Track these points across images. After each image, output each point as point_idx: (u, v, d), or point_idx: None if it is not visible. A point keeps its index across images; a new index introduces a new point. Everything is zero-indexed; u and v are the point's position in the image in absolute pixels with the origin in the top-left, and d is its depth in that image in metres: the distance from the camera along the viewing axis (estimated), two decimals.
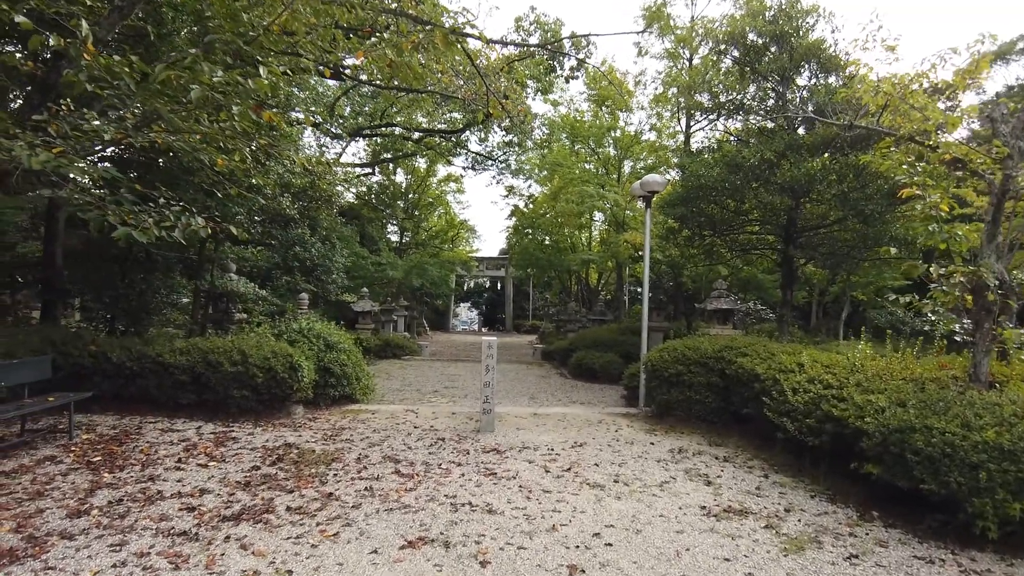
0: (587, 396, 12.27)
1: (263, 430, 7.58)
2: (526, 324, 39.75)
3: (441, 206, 34.56)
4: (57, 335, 8.30)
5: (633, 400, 10.36)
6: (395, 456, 6.53)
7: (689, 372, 8.54)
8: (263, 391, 8.14)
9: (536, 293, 42.87)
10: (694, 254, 13.84)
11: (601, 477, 6.02)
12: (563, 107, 24.81)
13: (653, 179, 10.25)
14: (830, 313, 26.77)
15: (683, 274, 15.15)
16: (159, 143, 5.97)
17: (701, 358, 8.58)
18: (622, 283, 23.53)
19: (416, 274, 23.51)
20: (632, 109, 23.77)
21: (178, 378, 8.07)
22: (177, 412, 8.17)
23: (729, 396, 8.29)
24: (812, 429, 6.14)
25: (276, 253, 17.17)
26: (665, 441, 7.64)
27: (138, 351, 8.18)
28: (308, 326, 9.64)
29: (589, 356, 15.44)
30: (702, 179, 10.99)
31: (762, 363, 7.59)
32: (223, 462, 6.08)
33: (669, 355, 8.83)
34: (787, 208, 11.43)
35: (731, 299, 11.39)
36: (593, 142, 24.30)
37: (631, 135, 24.00)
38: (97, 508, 4.70)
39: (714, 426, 8.41)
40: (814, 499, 5.62)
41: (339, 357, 9.31)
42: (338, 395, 9.27)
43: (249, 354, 8.11)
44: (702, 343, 8.90)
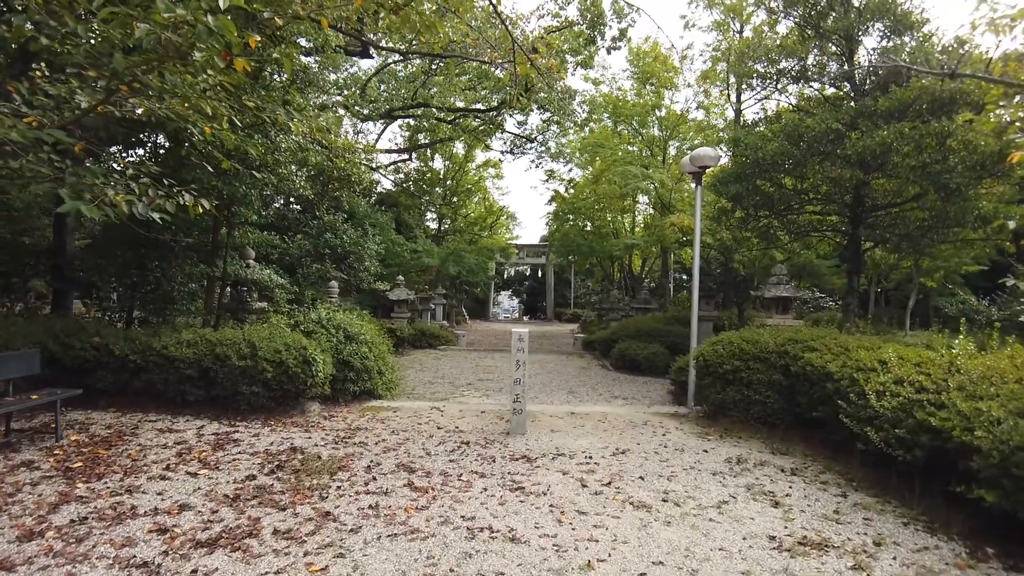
0: (630, 391, 11.35)
1: (271, 430, 6.91)
2: (567, 312, 38.75)
3: (480, 192, 33.77)
4: (59, 326, 7.81)
5: (681, 397, 9.39)
6: (410, 464, 5.76)
7: (747, 368, 7.53)
8: (274, 387, 7.49)
9: (578, 281, 41.79)
10: (747, 237, 12.68)
11: (647, 495, 5.13)
12: (604, 86, 23.68)
13: (705, 153, 9.20)
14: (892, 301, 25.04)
15: (734, 259, 14.02)
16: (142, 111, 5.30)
17: (761, 353, 7.56)
18: (667, 270, 22.37)
19: (452, 262, 22.79)
20: (677, 87, 22.48)
21: (184, 372, 7.48)
22: (183, 409, 7.59)
23: (794, 396, 7.26)
24: (902, 441, 5.11)
25: (307, 240, 16.66)
26: (720, 448, 6.67)
27: (143, 343, 7.62)
28: (328, 316, 8.97)
29: (632, 347, 14.47)
30: (759, 153, 9.85)
31: (835, 360, 6.54)
32: (216, 469, 5.40)
33: (724, 349, 7.83)
34: (855, 184, 10.20)
35: (791, 286, 10.26)
36: (637, 122, 23.10)
37: (677, 114, 22.71)
38: (55, 529, 4.05)
39: (775, 430, 7.39)
40: (908, 528, 4.61)
41: (359, 350, 8.61)
42: (358, 391, 8.57)
43: (259, 347, 7.46)
44: (762, 336, 7.86)
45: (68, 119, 5.25)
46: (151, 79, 4.77)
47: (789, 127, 9.73)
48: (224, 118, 5.00)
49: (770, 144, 10.07)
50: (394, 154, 27.49)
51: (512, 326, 35.09)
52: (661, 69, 21.22)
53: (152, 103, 5.21)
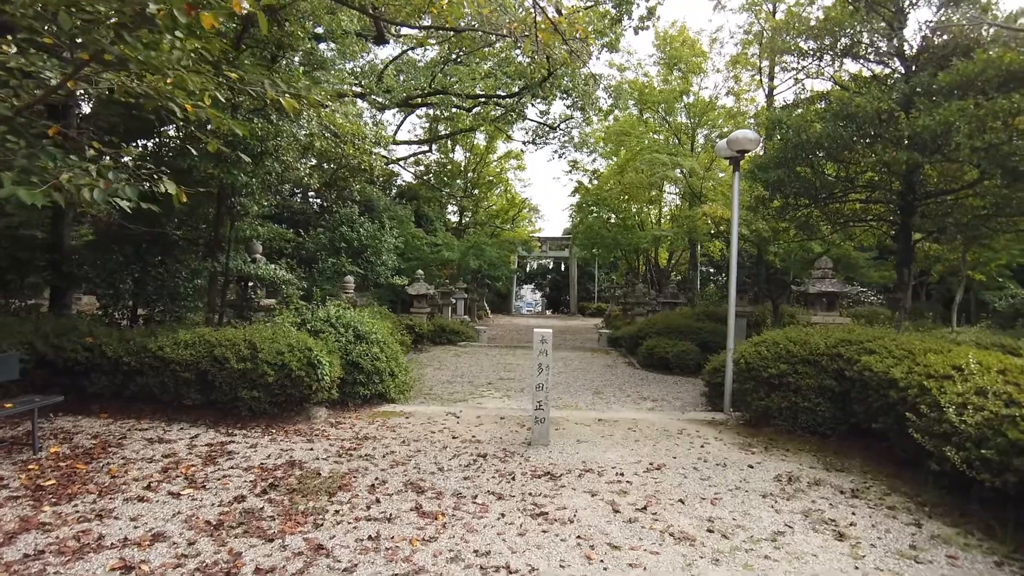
0: (660, 391, 10.64)
1: (271, 440, 6.35)
2: (591, 307, 37.97)
3: (501, 184, 33.08)
4: (50, 326, 7.32)
5: (716, 400, 8.66)
6: (420, 483, 5.14)
7: (795, 373, 6.78)
8: (276, 391, 6.92)
9: (602, 274, 40.95)
10: (785, 228, 11.85)
11: (689, 522, 4.44)
12: (630, 72, 22.86)
13: (744, 135, 8.42)
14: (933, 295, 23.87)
15: (768, 251, 13.21)
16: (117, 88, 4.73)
17: (811, 355, 6.81)
18: (695, 263, 21.53)
19: (473, 255, 22.20)
20: (706, 72, 21.58)
21: (181, 375, 6.94)
22: (180, 415, 7.06)
23: (848, 404, 6.50)
24: (988, 464, 4.35)
25: (323, 233, 16.18)
26: (768, 463, 5.95)
27: (138, 344, 7.10)
28: (337, 314, 8.39)
29: (661, 344, 13.72)
30: (803, 135, 9.04)
31: (898, 364, 5.78)
32: (203, 489, 4.84)
33: (768, 351, 7.09)
34: (908, 169, 9.35)
35: (837, 280, 9.45)
36: (663, 109, 22.26)
37: (705, 101, 21.81)
38: (3, 566, 3.51)
39: (827, 441, 6.65)
40: (1003, 570, 3.88)
41: (370, 350, 8.02)
42: (369, 394, 7.99)
43: (260, 348, 6.90)
44: (812, 336, 7.10)
45: (37, 98, 4.71)
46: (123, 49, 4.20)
47: (837, 106, 8.89)
48: (206, 94, 4.40)
49: (815, 126, 9.25)
50: (414, 146, 26.92)
51: (534, 320, 34.43)
52: (689, 54, 20.33)
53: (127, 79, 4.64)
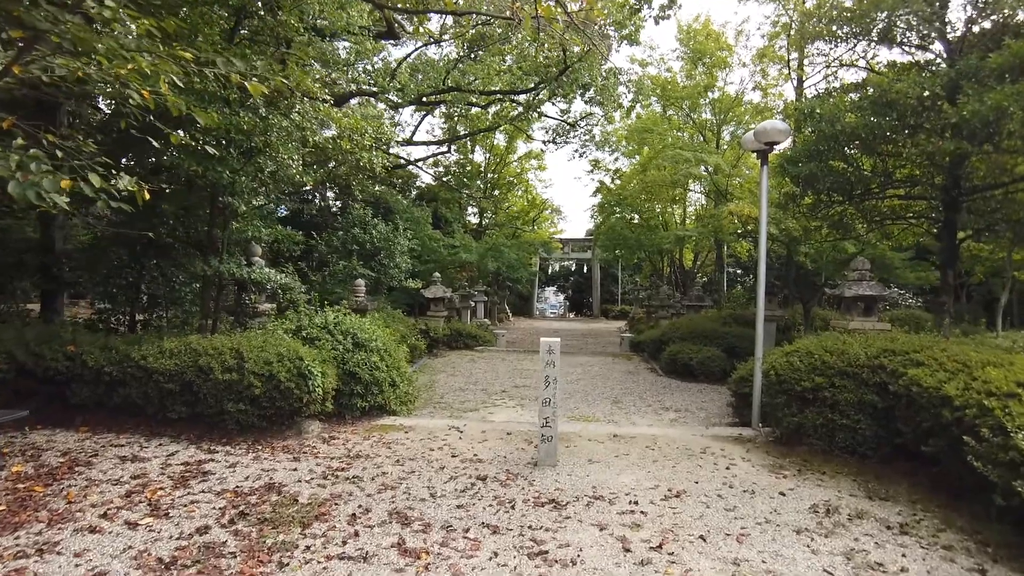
0: (683, 401, 10.01)
1: (254, 458, 5.87)
2: (614, 309, 37.20)
3: (522, 185, 32.52)
4: (31, 334, 6.95)
5: (744, 411, 7.98)
6: (407, 511, 4.60)
7: (832, 386, 6.10)
8: (265, 404, 6.44)
9: (625, 276, 40.13)
10: (817, 226, 11.09)
11: (711, 565, 3.83)
12: (652, 67, 22.08)
13: (773, 126, 7.77)
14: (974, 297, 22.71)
15: (799, 252, 12.46)
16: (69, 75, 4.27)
17: (850, 367, 6.12)
18: (721, 264, 20.73)
19: (491, 257, 21.69)
20: (731, 67, 20.78)
21: (164, 386, 6.50)
22: (164, 428, 6.62)
23: (892, 422, 5.81)
24: None
25: (334, 235, 15.80)
26: (802, 489, 5.29)
27: (121, 353, 6.69)
28: (336, 320, 7.91)
29: (685, 350, 13.05)
30: (836, 126, 8.33)
31: (951, 379, 5.09)
32: (165, 517, 4.35)
33: (802, 361, 6.41)
34: (953, 161, 8.58)
35: (876, 283, 8.71)
36: (688, 105, 21.50)
37: (731, 96, 21.01)
38: None
39: (868, 463, 5.96)
40: None
41: (369, 359, 7.51)
42: (368, 406, 7.48)
43: (247, 357, 6.43)
44: (850, 345, 6.40)
45: None
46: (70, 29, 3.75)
47: (875, 93, 8.16)
48: (162, 78, 3.92)
49: (849, 116, 8.53)
50: (432, 146, 26.48)
51: (556, 323, 33.83)
52: (713, 48, 19.56)
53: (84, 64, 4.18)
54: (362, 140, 7.63)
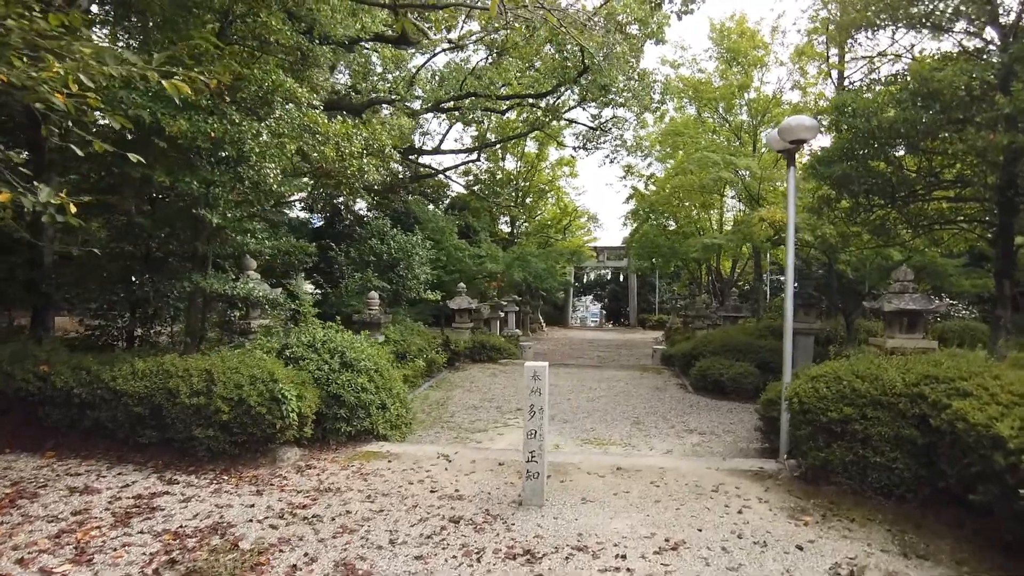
0: (710, 422, 9.26)
1: (215, 491, 5.40)
2: (652, 319, 36.08)
3: (553, 192, 31.88)
4: (7, 352, 6.68)
5: (772, 437, 7.16)
6: (356, 563, 4.02)
7: (863, 418, 5.30)
8: (236, 430, 5.98)
9: (663, 284, 39.01)
10: (856, 232, 10.15)
11: None
12: (685, 68, 21.23)
13: (799, 122, 6.98)
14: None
15: (839, 259, 11.50)
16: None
17: (884, 395, 5.31)
18: (760, 272, 19.69)
19: (518, 267, 21.11)
20: (768, 65, 19.80)
21: (133, 410, 6.12)
22: (134, 454, 6.24)
23: (935, 461, 4.99)
24: None
25: (352, 247, 15.48)
26: (824, 542, 4.51)
27: (92, 374, 6.35)
28: (325, 337, 7.43)
29: (715, 365, 12.24)
30: (872, 121, 7.48)
31: (1006, 415, 4.26)
32: (87, 564, 3.88)
33: (829, 388, 5.61)
34: (1008, 158, 7.63)
35: (920, 295, 7.79)
36: (723, 107, 20.58)
37: (768, 97, 20.02)
38: None
39: (905, 507, 5.13)
40: None
41: (355, 380, 7.00)
42: (353, 431, 6.96)
43: (217, 379, 6.00)
44: (884, 370, 5.58)
45: None
46: None
47: (916, 83, 7.30)
48: (70, 76, 3.48)
49: (888, 110, 7.68)
50: (461, 155, 26.12)
51: (590, 334, 32.95)
52: (748, 46, 18.65)
53: None
54: (350, 147, 7.18)
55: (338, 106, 17.05)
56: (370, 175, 7.83)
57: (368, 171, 7.70)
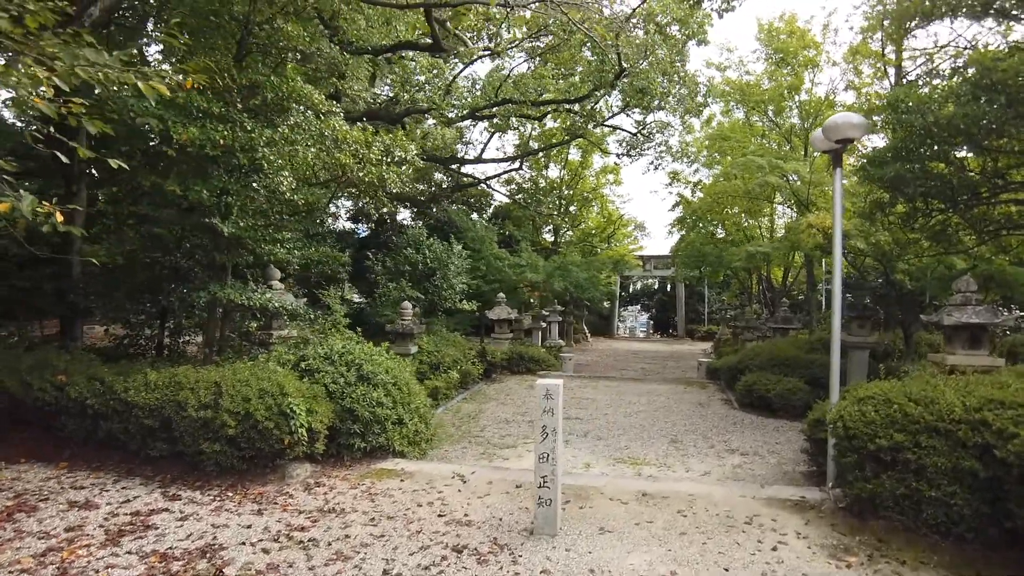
0: (754, 441, 8.71)
1: (215, 509, 5.22)
2: (701, 329, 35.04)
3: (597, 200, 31.33)
4: (26, 362, 6.71)
5: (820, 461, 6.57)
6: None
7: (916, 446, 4.72)
8: (243, 445, 5.81)
9: (712, 294, 37.86)
10: (914, 239, 9.39)
11: None
12: (732, 71, 20.50)
13: (844, 120, 6.46)
14: None
15: (897, 268, 10.69)
16: None
17: (940, 421, 4.72)
18: (812, 281, 18.73)
19: (558, 276, 20.66)
20: (820, 66, 18.87)
21: (143, 421, 6.03)
22: (144, 467, 6.16)
23: (1000, 498, 4.38)
24: None
25: (388, 256, 15.41)
26: None
27: (106, 385, 6.30)
28: (343, 349, 7.22)
29: (762, 380, 11.59)
30: (928, 117, 6.84)
31: None
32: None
33: (877, 412, 5.04)
34: None
35: (985, 308, 7.06)
36: (772, 110, 19.77)
37: (820, 99, 19.11)
38: None
39: (966, 549, 4.52)
40: None
41: (371, 395, 6.75)
42: (369, 447, 6.71)
43: (225, 392, 5.84)
44: (942, 392, 4.98)
45: None
46: None
47: (977, 74, 6.64)
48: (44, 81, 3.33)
49: (947, 106, 7.03)
50: (504, 164, 25.93)
51: (636, 344, 32.19)
52: (798, 46, 17.84)
53: None
54: (368, 154, 6.99)
55: (377, 116, 17.09)
56: (391, 182, 7.64)
57: (389, 178, 7.51)
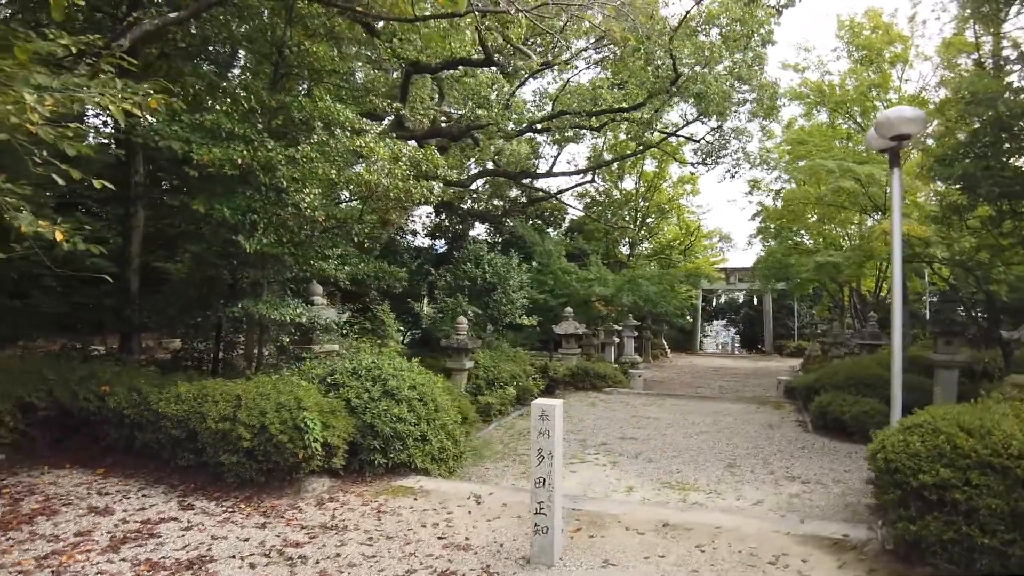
0: (820, 468, 8.07)
1: (223, 520, 5.27)
2: (790, 345, 33.08)
3: (675, 212, 30.39)
4: (78, 373, 7.10)
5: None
6: None
7: (967, 484, 4.06)
8: (260, 458, 5.85)
9: (803, 307, 35.75)
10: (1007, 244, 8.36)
11: None
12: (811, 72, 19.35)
13: (899, 115, 5.84)
14: None
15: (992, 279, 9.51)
16: None
17: (995, 455, 4.05)
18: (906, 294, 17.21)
19: (628, 290, 20.11)
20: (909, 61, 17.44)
21: (171, 432, 6.22)
22: (173, 476, 6.39)
23: None
24: None
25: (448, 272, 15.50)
26: None
27: (142, 396, 6.57)
28: (371, 364, 7.21)
29: (837, 401, 10.76)
30: (1002, 106, 6.04)
31: None
32: None
33: (922, 443, 4.40)
34: None
35: None
36: (858, 111, 18.49)
37: (910, 96, 17.67)
38: None
39: None
40: None
41: (392, 410, 6.66)
42: (390, 463, 6.61)
43: (243, 405, 5.94)
44: (999, 421, 4.29)
45: None
46: None
47: None
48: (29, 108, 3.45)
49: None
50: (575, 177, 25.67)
51: (717, 361, 30.79)
52: (883, 42, 16.57)
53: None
54: (393, 169, 6.97)
55: (440, 133, 17.33)
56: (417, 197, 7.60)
57: (416, 193, 7.49)
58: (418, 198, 7.53)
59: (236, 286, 8.48)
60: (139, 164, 8.32)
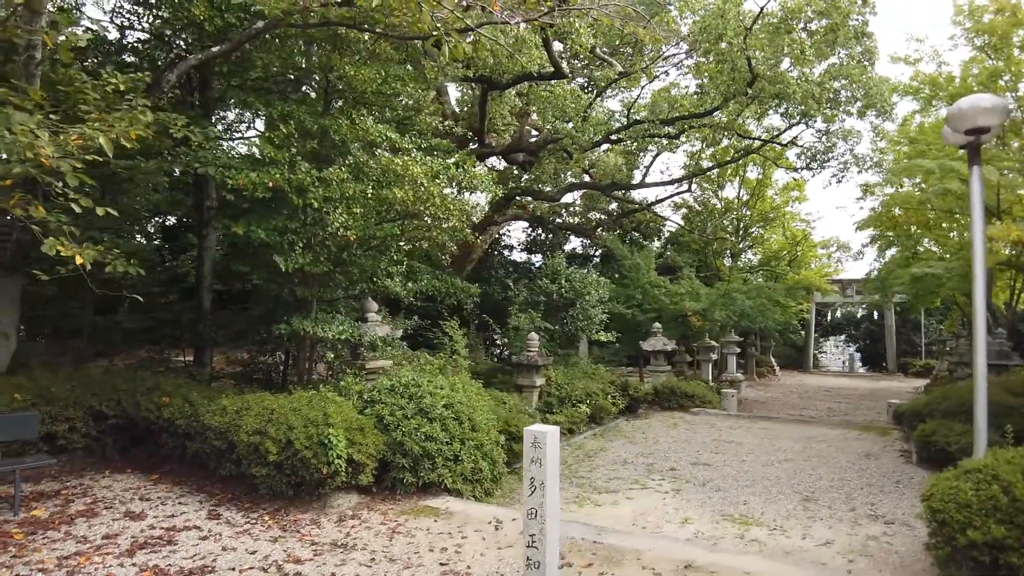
0: (909, 508, 7.19)
1: (241, 532, 5.44)
2: (916, 364, 30.00)
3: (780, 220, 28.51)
4: (146, 384, 7.63)
5: None
6: None
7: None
8: (288, 471, 5.98)
9: (931, 322, 32.39)
10: None
11: None
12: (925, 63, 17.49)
13: (973, 105, 5.11)
14: None
15: None
16: None
17: None
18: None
19: (721, 305, 19.05)
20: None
21: (213, 443, 6.52)
22: (215, 485, 6.75)
23: None
24: None
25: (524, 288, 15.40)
26: None
27: (193, 407, 6.95)
28: (408, 381, 7.21)
29: (942, 430, 9.67)
30: None
31: None
32: None
33: (975, 493, 3.71)
34: None
35: None
36: None
37: None
38: None
39: None
40: None
41: (424, 428, 6.60)
42: (420, 482, 6.54)
43: (274, 419, 6.10)
44: None
45: None
46: None
47: None
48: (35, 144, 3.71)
49: None
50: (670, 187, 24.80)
51: (832, 380, 28.56)
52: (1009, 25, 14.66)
53: None
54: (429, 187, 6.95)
55: (519, 149, 17.36)
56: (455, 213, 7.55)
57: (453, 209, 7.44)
58: (454, 215, 7.51)
59: (299, 304, 8.82)
60: (211, 189, 8.92)
